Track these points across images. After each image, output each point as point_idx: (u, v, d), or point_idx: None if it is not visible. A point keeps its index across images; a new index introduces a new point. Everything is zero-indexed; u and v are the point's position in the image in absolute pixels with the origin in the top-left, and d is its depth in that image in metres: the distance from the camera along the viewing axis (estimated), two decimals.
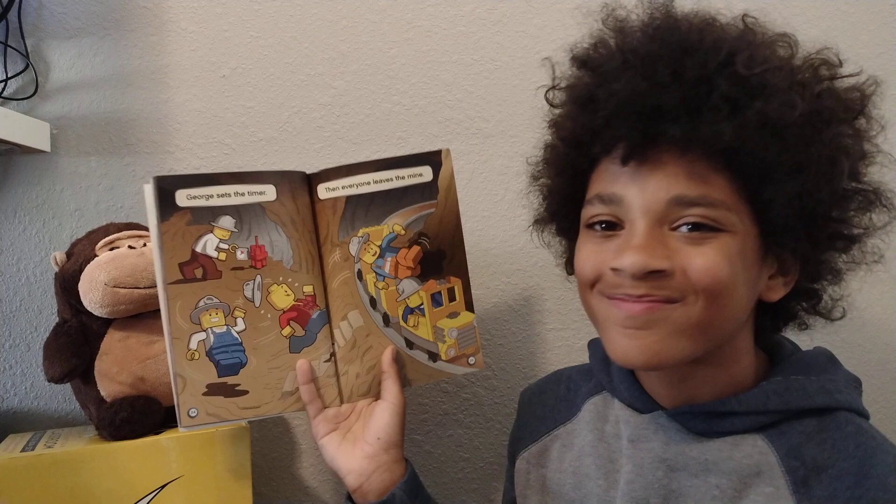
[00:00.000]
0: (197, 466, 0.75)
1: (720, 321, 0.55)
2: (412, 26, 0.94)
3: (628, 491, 0.59)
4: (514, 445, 0.76)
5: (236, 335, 0.67)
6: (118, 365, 0.76)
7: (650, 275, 0.53)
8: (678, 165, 0.53)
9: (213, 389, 0.66)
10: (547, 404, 0.73)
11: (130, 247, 0.78)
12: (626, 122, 0.53)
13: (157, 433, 0.76)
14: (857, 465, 0.53)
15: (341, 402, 0.71)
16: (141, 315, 0.78)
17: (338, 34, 0.93)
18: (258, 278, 0.67)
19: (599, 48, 0.58)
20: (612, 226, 0.57)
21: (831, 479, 0.53)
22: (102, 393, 0.77)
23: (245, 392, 0.67)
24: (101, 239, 0.79)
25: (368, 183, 0.70)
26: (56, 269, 0.80)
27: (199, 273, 0.65)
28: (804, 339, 0.67)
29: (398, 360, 0.72)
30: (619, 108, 0.53)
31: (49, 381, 0.77)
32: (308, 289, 0.69)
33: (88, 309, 0.75)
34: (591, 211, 0.58)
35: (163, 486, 0.74)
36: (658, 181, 0.54)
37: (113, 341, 0.77)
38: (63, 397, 0.89)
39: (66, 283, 0.77)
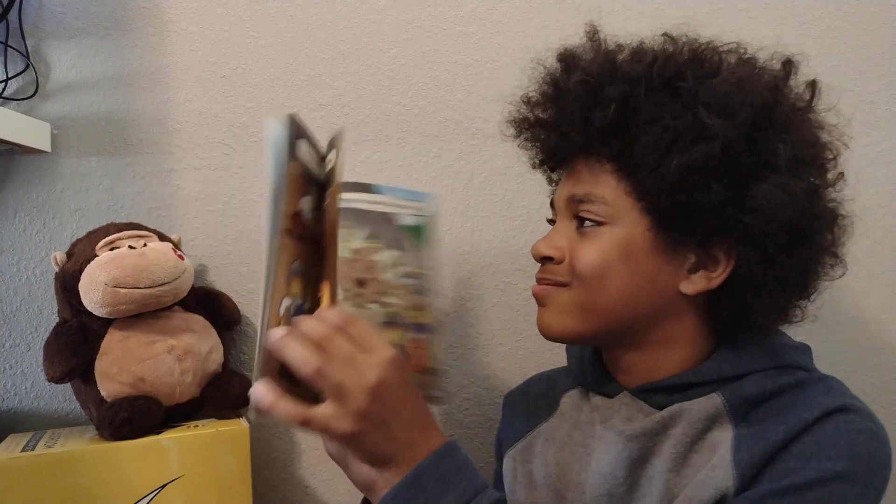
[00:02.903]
0: (197, 466, 0.75)
1: (602, 303, 0.62)
2: (412, 27, 0.94)
3: (597, 469, 0.63)
4: (500, 445, 0.79)
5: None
6: (118, 365, 0.76)
7: (544, 260, 0.65)
8: (580, 169, 0.64)
9: (284, 372, 0.57)
10: (529, 403, 0.77)
11: (131, 247, 0.78)
12: (542, 141, 0.68)
13: (157, 433, 0.76)
14: (791, 396, 0.59)
15: None
16: (141, 315, 0.78)
17: (338, 34, 0.93)
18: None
19: (527, 98, 0.70)
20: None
21: (767, 409, 0.59)
22: (103, 393, 0.77)
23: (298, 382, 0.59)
24: (102, 239, 0.79)
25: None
26: (56, 269, 0.80)
27: (299, 232, 0.58)
28: (803, 338, 0.67)
29: None
30: (537, 131, 0.68)
31: (49, 380, 0.77)
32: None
33: (89, 309, 0.75)
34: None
35: (163, 486, 0.74)
36: (563, 184, 0.66)
37: (113, 341, 0.77)
38: (63, 397, 0.89)
39: (67, 283, 0.77)
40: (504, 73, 0.95)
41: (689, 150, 0.56)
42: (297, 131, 0.57)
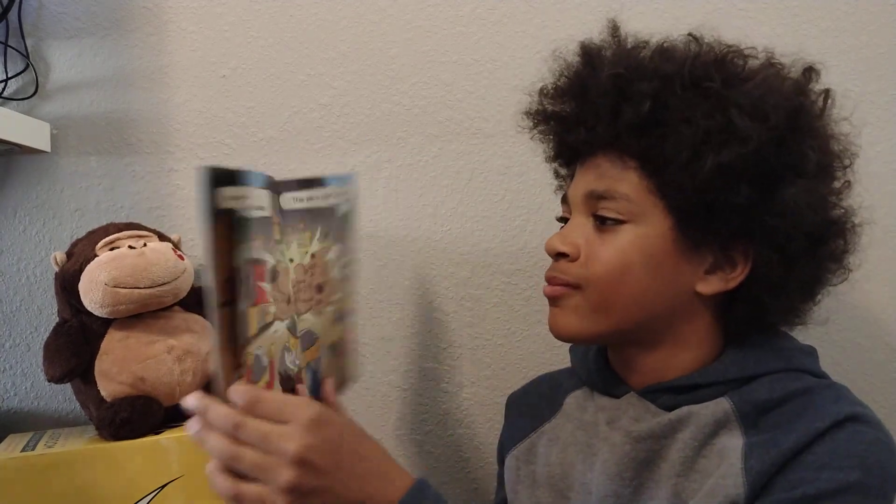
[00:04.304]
0: (197, 466, 0.75)
1: (617, 304, 0.61)
2: (412, 26, 0.94)
3: (603, 470, 0.62)
4: (502, 447, 0.78)
5: None
6: (118, 365, 0.76)
7: (559, 256, 0.64)
8: (598, 165, 0.63)
9: None
10: (531, 404, 0.77)
11: (131, 247, 0.78)
12: (562, 135, 0.66)
13: (157, 433, 0.76)
14: (801, 403, 0.59)
15: None
16: (141, 315, 0.78)
17: (338, 34, 0.93)
18: None
19: (546, 90, 0.69)
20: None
21: (776, 416, 0.59)
22: (102, 393, 0.77)
23: None
24: (102, 239, 0.79)
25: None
26: (56, 269, 0.80)
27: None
28: (802, 337, 0.67)
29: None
30: (556, 124, 0.67)
31: (49, 381, 0.77)
32: None
33: (88, 309, 0.75)
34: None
35: (163, 486, 0.74)
36: (581, 179, 0.64)
37: (113, 341, 0.77)
38: (63, 397, 0.89)
39: (67, 283, 0.77)
40: (504, 72, 0.95)
41: (721, 150, 0.56)
42: (216, 179, 0.50)
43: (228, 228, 0.50)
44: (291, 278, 0.62)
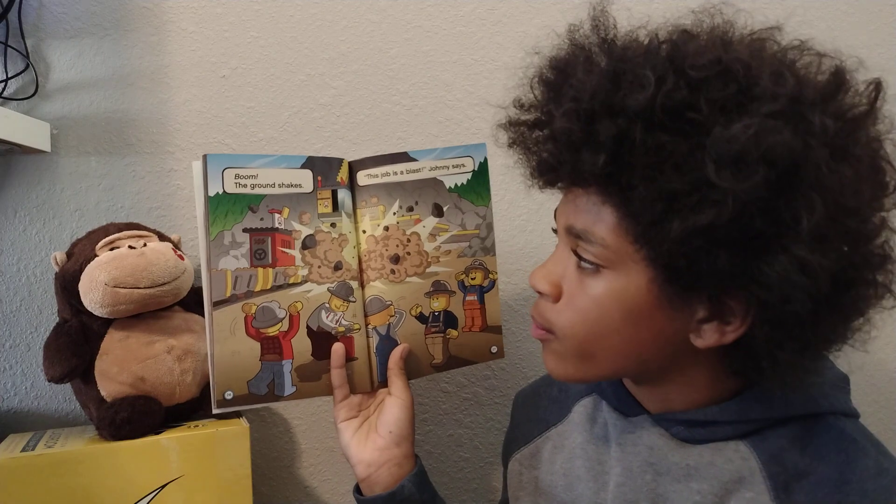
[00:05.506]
0: (197, 466, 0.75)
1: (600, 354, 0.56)
2: (412, 26, 0.94)
3: (619, 494, 0.60)
4: (507, 448, 0.77)
5: None
6: (118, 365, 0.76)
7: (540, 294, 0.59)
8: (575, 198, 0.56)
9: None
10: (539, 406, 0.74)
11: (131, 247, 0.78)
12: (538, 158, 0.58)
13: (157, 433, 0.76)
14: (838, 471, 0.53)
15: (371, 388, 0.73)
16: (141, 315, 0.78)
17: (338, 34, 0.93)
18: None
19: (518, 103, 0.62)
20: None
21: (812, 486, 0.53)
22: (102, 393, 0.77)
23: None
24: (102, 239, 0.79)
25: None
26: (56, 269, 0.80)
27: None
28: None
29: (410, 357, 0.74)
30: (533, 145, 0.59)
31: (49, 381, 0.77)
32: None
33: (89, 309, 0.75)
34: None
35: (163, 486, 0.74)
36: (563, 208, 0.58)
37: (113, 341, 0.77)
38: (63, 397, 0.89)
39: (67, 283, 0.77)
40: (504, 73, 0.95)
41: (691, 215, 0.46)
42: (213, 166, 0.65)
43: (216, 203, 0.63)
44: (363, 248, 0.70)
